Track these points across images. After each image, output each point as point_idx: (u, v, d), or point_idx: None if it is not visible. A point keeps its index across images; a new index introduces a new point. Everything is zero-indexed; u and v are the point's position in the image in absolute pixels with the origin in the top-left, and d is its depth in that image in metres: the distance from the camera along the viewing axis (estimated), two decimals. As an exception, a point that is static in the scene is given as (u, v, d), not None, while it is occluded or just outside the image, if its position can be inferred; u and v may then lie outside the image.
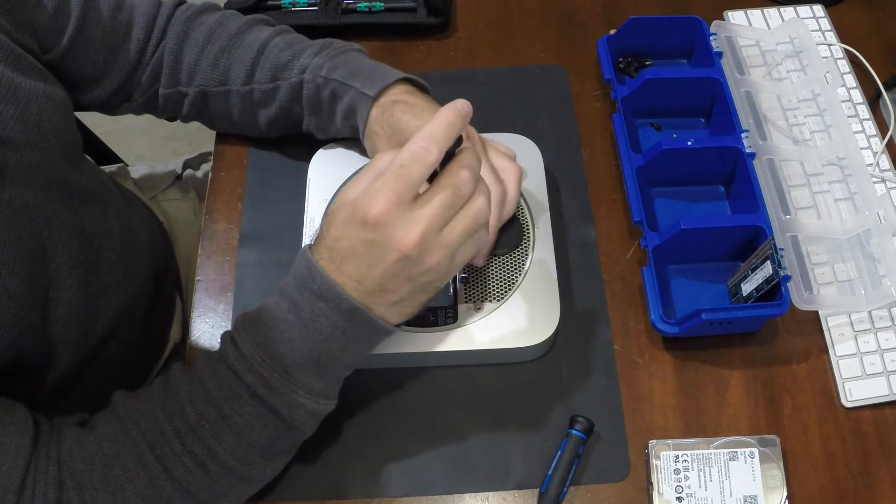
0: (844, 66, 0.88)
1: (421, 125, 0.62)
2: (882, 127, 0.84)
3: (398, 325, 0.59)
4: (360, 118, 0.70)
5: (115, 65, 0.75)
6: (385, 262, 0.54)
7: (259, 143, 0.84)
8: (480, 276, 0.71)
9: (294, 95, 0.74)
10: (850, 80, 0.87)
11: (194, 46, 0.75)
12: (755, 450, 0.66)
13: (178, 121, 0.84)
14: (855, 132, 0.83)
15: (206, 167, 1.02)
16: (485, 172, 0.65)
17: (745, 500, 0.64)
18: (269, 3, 0.92)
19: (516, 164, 0.70)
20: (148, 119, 0.99)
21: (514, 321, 0.69)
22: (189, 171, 1.01)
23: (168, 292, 0.86)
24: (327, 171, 0.77)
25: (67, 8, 0.70)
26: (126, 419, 0.57)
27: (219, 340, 0.60)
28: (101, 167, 0.95)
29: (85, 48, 0.72)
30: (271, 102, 0.75)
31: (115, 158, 1.08)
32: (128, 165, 1.02)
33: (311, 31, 0.91)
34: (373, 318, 0.56)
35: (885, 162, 0.82)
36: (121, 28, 0.74)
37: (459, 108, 0.55)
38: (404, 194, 0.53)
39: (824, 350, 0.72)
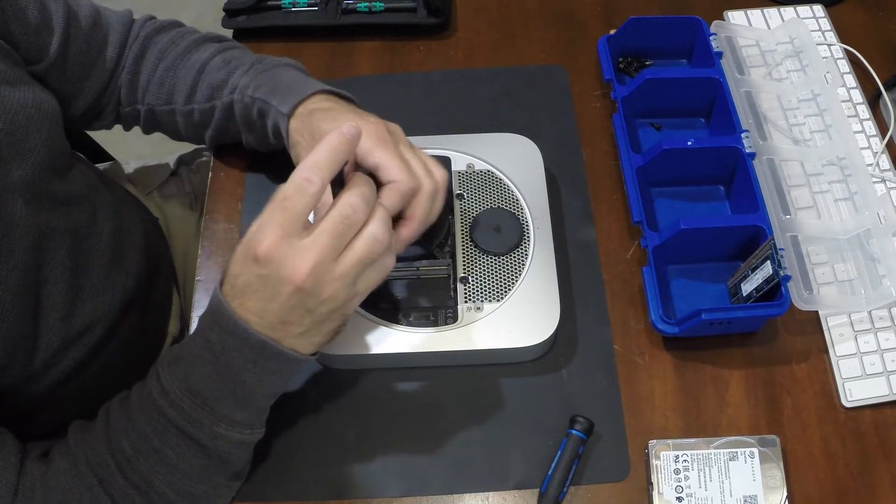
0: (844, 66, 0.88)
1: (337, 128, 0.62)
2: (882, 127, 0.84)
3: (313, 354, 0.59)
4: (283, 134, 0.71)
5: (88, 82, 0.75)
6: (281, 296, 0.54)
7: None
8: (480, 276, 0.71)
9: (228, 115, 0.76)
10: (850, 80, 0.87)
11: (148, 66, 0.77)
12: (755, 450, 0.66)
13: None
14: (855, 132, 0.83)
15: (200, 162, 1.02)
16: (397, 169, 0.62)
17: (745, 500, 0.64)
18: (269, 3, 0.93)
19: (431, 172, 0.66)
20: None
21: (514, 321, 0.69)
22: (184, 168, 1.01)
23: (164, 288, 0.86)
24: (327, 171, 0.77)
25: (51, 24, 0.69)
26: (76, 453, 0.59)
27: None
28: (96, 164, 0.95)
29: (64, 65, 0.72)
30: (210, 121, 0.77)
31: (109, 158, 1.07)
32: (121, 164, 1.01)
33: (311, 31, 0.92)
34: (281, 349, 0.56)
35: (885, 162, 0.82)
36: (95, 46, 0.75)
37: (345, 132, 0.55)
38: (290, 227, 0.53)
39: (824, 350, 0.72)
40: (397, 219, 0.64)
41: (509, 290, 0.71)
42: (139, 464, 0.57)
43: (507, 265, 0.72)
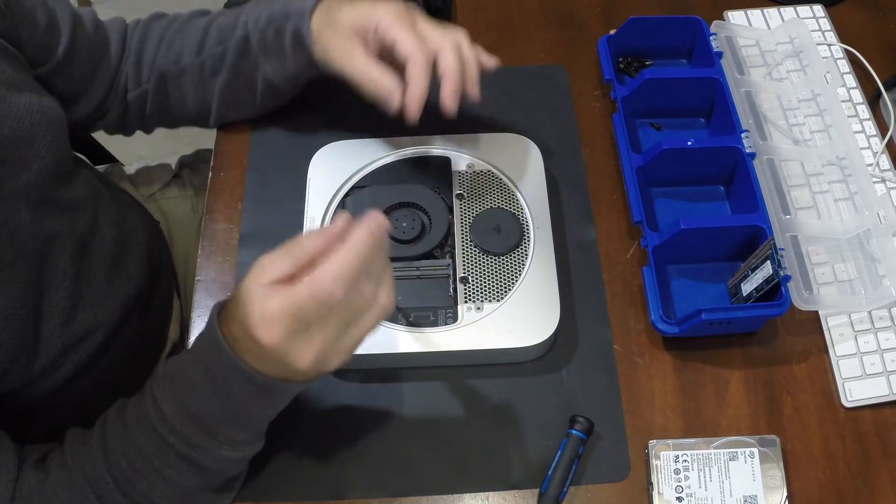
0: (844, 66, 0.88)
1: (356, 16, 0.65)
2: (882, 127, 0.84)
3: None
4: (305, 34, 0.70)
5: (96, 82, 0.76)
6: (284, 370, 0.53)
7: (259, 142, 0.84)
8: (480, 276, 0.71)
9: (241, 52, 0.75)
10: (850, 80, 0.87)
11: (152, 43, 0.78)
12: (755, 450, 0.66)
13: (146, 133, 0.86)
14: (855, 132, 0.83)
15: (202, 164, 1.02)
16: (410, 42, 0.66)
17: (745, 500, 0.64)
18: (269, 3, 0.92)
19: (448, 33, 0.68)
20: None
21: (514, 321, 0.69)
22: (186, 170, 1.01)
23: (164, 292, 0.86)
24: (327, 170, 0.77)
25: (58, 25, 0.70)
26: (73, 466, 0.58)
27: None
28: (97, 166, 0.95)
29: (71, 66, 0.72)
30: (221, 66, 0.76)
31: (111, 159, 1.07)
32: (123, 165, 1.02)
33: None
34: (287, 386, 0.55)
35: (885, 162, 0.82)
36: (99, 45, 0.75)
37: (373, 230, 0.51)
38: (299, 327, 0.50)
39: (824, 350, 0.72)
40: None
41: (509, 290, 0.71)
42: (139, 483, 0.57)
43: (507, 265, 0.72)
